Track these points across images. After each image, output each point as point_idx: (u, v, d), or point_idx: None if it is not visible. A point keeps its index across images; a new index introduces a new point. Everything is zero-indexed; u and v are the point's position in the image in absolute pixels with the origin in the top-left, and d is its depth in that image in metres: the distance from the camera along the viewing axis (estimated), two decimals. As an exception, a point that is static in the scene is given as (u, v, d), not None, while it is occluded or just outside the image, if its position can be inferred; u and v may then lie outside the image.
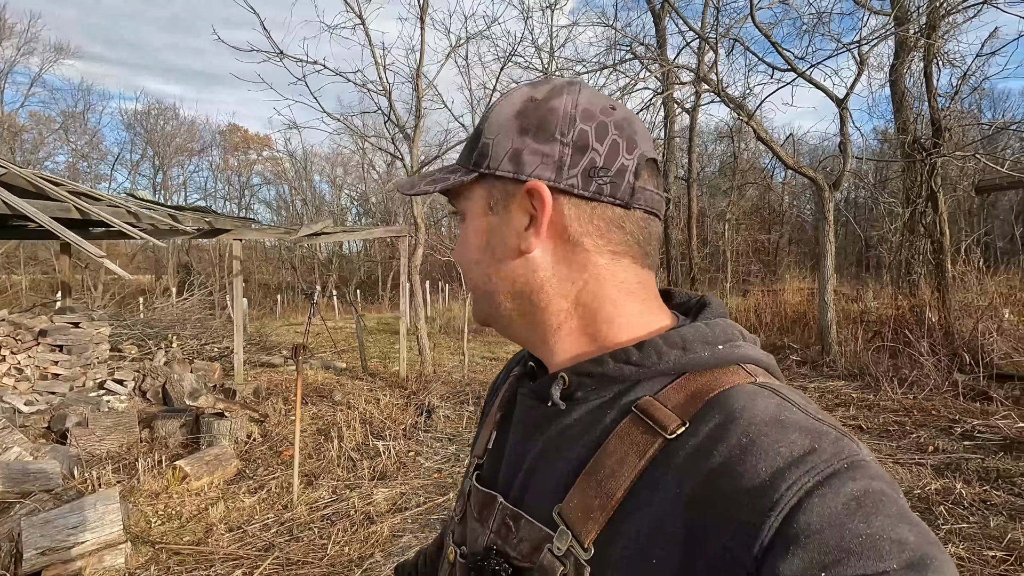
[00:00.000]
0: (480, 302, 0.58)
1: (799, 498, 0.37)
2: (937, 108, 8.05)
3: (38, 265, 23.01)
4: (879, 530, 0.35)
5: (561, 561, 0.45)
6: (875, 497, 0.37)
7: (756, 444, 0.40)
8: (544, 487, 0.50)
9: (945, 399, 5.77)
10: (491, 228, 0.53)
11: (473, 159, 0.53)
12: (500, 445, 0.58)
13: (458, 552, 0.56)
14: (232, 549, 3.21)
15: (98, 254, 4.15)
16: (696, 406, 0.45)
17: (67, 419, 4.88)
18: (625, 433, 0.46)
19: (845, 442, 0.41)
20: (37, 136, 26.45)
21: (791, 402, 0.44)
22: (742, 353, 0.49)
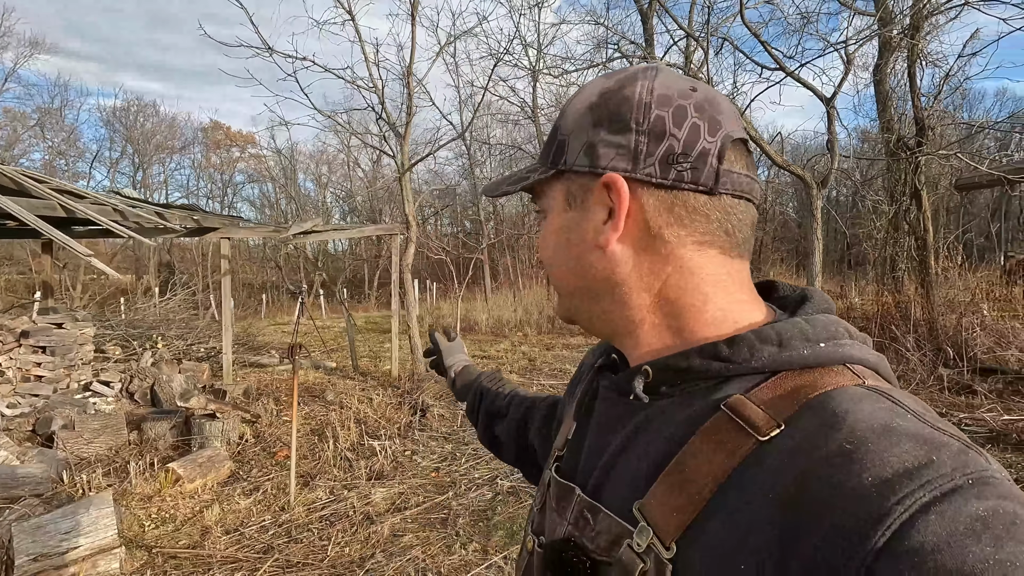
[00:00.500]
0: (563, 299, 0.57)
1: (912, 514, 0.33)
2: (920, 107, 8.19)
3: (14, 265, 22.45)
4: (1010, 557, 0.30)
5: (641, 558, 0.43)
6: (1006, 519, 0.32)
7: (861, 451, 0.36)
8: (623, 481, 0.49)
9: (931, 393, 5.88)
10: (570, 224, 0.53)
11: (551, 156, 0.54)
12: (580, 437, 0.58)
13: (536, 542, 0.56)
14: (230, 552, 3.16)
15: (85, 252, 4.05)
16: (793, 408, 0.42)
17: (53, 422, 4.76)
18: (713, 431, 0.44)
19: (971, 456, 0.36)
20: (12, 133, 25.80)
21: (905, 407, 0.40)
22: (847, 352, 0.46)
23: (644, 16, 12.79)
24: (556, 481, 0.57)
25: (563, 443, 0.61)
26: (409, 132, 7.37)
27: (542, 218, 0.57)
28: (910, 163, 8.01)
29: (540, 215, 0.58)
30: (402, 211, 7.61)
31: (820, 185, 7.66)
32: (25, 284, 19.86)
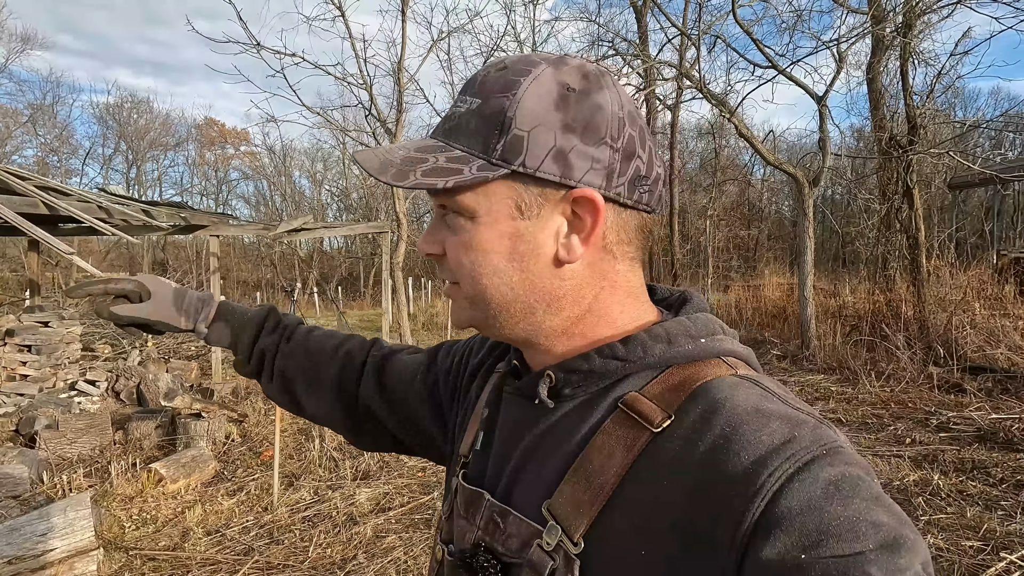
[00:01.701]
0: (476, 310, 0.52)
1: (780, 484, 0.38)
2: (913, 106, 8.19)
3: (6, 262, 22.29)
4: (856, 513, 0.37)
5: (551, 556, 0.45)
6: (852, 481, 0.38)
7: (738, 433, 0.41)
8: (532, 484, 0.50)
9: (921, 391, 5.88)
10: (520, 233, 0.48)
11: (499, 151, 0.46)
12: (486, 443, 0.58)
13: (446, 550, 0.56)
14: (210, 554, 3.13)
15: (67, 251, 4.01)
16: (680, 398, 0.46)
17: (36, 421, 4.71)
18: (612, 428, 0.47)
19: (823, 429, 0.42)
20: (4, 129, 25.60)
21: (771, 392, 0.46)
22: (723, 346, 0.50)
23: (638, 14, 12.78)
24: (464, 488, 0.57)
25: (468, 449, 0.60)
26: (401, 129, 7.33)
27: (462, 218, 0.49)
28: (902, 161, 8.01)
29: (454, 213, 0.50)
30: (394, 209, 7.57)
31: (812, 184, 7.65)
32: (18, 282, 19.72)
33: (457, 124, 0.49)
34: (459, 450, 0.63)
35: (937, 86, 8.33)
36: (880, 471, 3.93)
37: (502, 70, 0.49)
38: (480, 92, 0.48)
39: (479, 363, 0.69)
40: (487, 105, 0.47)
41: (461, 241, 0.50)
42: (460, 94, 0.51)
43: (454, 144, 0.49)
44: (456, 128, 0.49)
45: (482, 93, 0.48)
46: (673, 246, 14.21)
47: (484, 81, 0.49)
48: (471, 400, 0.66)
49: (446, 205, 0.50)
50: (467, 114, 0.48)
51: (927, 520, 3.23)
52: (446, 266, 0.52)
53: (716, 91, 8.13)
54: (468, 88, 0.50)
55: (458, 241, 0.50)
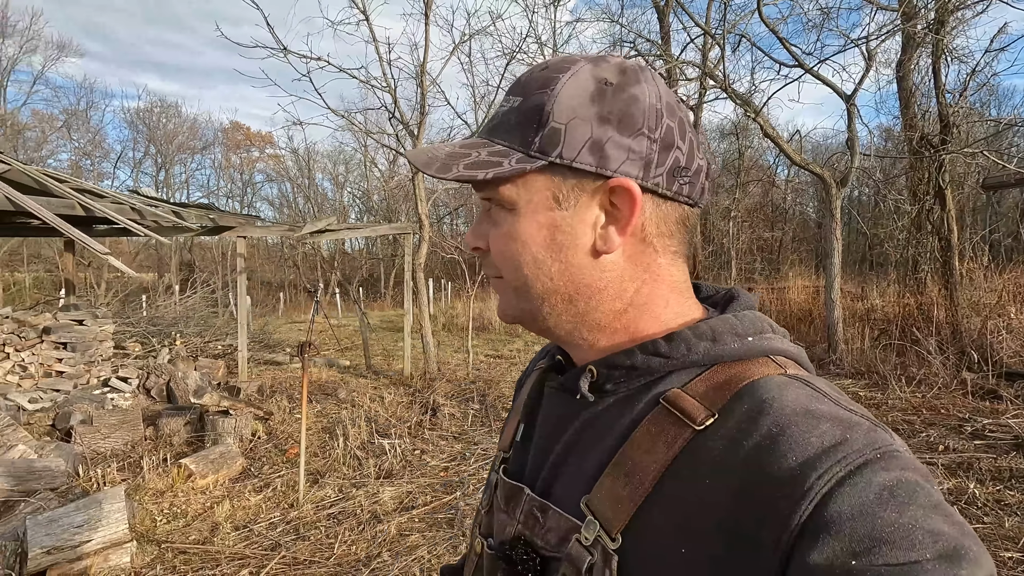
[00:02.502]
0: (521, 301, 0.53)
1: (830, 487, 0.37)
2: (945, 104, 7.98)
3: (42, 263, 23.01)
4: (912, 520, 0.35)
5: (589, 551, 0.45)
6: (909, 487, 0.37)
7: (786, 434, 0.40)
8: (572, 478, 0.50)
9: (954, 398, 5.72)
10: (558, 224, 0.49)
11: (537, 144, 0.48)
12: (527, 438, 0.58)
13: (485, 543, 0.56)
14: (238, 548, 3.18)
15: (103, 251, 4.12)
16: (725, 397, 0.45)
17: (71, 417, 4.86)
18: (653, 424, 0.46)
19: (878, 432, 0.41)
20: (40, 134, 26.45)
21: (822, 393, 0.44)
22: (771, 345, 0.50)
23: (660, 13, 12.67)
24: (504, 482, 0.57)
25: (509, 444, 0.61)
26: (423, 131, 7.39)
27: (505, 209, 0.51)
28: (934, 161, 7.81)
29: (497, 206, 0.51)
30: (416, 211, 7.63)
31: (840, 184, 7.50)
32: (52, 282, 20.36)
33: (499, 122, 0.51)
34: (501, 445, 0.63)
35: (971, 84, 8.10)
36: (912, 478, 3.84)
37: (543, 69, 0.50)
38: (521, 91, 0.50)
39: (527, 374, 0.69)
40: (527, 102, 0.49)
41: (503, 232, 0.51)
42: (507, 94, 0.52)
43: (496, 140, 0.50)
44: (498, 126, 0.51)
45: (523, 92, 0.50)
46: (696, 247, 14.06)
47: (527, 81, 0.51)
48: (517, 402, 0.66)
49: (490, 199, 0.51)
50: (508, 112, 0.50)
51: (963, 529, 3.14)
52: (490, 260, 0.53)
53: (740, 91, 8.03)
54: (513, 89, 0.52)
55: (500, 233, 0.51)
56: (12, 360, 5.94)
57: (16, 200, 4.25)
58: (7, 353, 5.92)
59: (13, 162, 4.91)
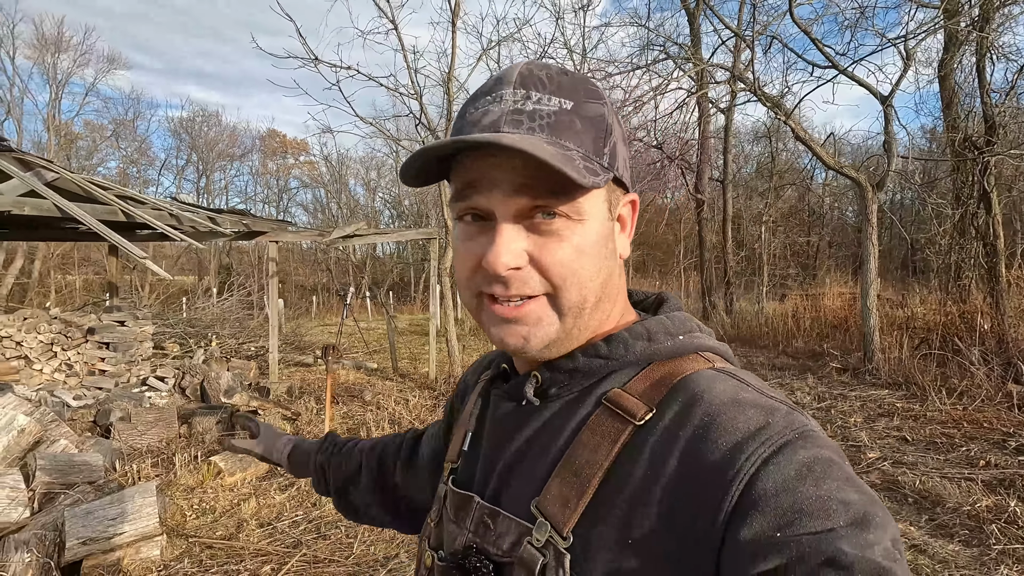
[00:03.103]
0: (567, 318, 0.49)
1: (757, 467, 0.40)
2: (991, 104, 7.64)
3: (91, 266, 24.12)
4: (827, 492, 0.39)
5: (541, 552, 0.46)
6: (824, 463, 0.40)
7: (717, 422, 0.43)
8: (522, 483, 0.51)
9: (998, 411, 5.45)
10: (610, 233, 0.52)
11: (607, 156, 0.49)
12: (475, 447, 0.59)
13: (435, 556, 0.57)
14: (262, 545, 3.27)
15: (140, 255, 4.31)
16: (661, 392, 0.47)
17: (111, 414, 5.08)
18: (597, 424, 0.48)
19: (795, 415, 0.44)
20: (91, 143, 27.79)
21: (746, 383, 0.48)
22: (700, 342, 0.53)
23: (691, 17, 12.54)
24: (453, 492, 0.57)
25: (456, 455, 0.61)
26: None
27: (569, 220, 0.48)
28: (978, 164, 7.48)
29: (561, 217, 0.47)
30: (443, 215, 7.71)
31: (876, 188, 7.27)
32: (100, 284, 21.32)
33: (558, 123, 0.47)
34: (448, 456, 0.63)
35: (1019, 82, 7.75)
36: (948, 495, 3.67)
37: (564, 75, 0.49)
38: (563, 93, 0.48)
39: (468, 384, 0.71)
40: (584, 108, 0.48)
41: (572, 244, 0.48)
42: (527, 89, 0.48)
43: (566, 143, 0.47)
44: (559, 126, 0.47)
45: (567, 95, 0.48)
46: (726, 253, 13.77)
47: (558, 83, 0.48)
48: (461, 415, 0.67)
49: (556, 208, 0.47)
50: (563, 113, 0.47)
51: (1001, 550, 2.99)
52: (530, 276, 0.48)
53: (772, 93, 7.86)
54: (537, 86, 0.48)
55: (567, 244, 0.48)
56: (59, 359, 6.25)
57: (63, 207, 4.48)
58: (54, 352, 6.22)
59: (62, 171, 5.19)
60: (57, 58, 24.61)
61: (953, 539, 3.17)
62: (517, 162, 0.45)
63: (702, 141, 13.15)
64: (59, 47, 24.70)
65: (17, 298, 17.95)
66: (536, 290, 0.48)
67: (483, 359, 0.70)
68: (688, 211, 17.19)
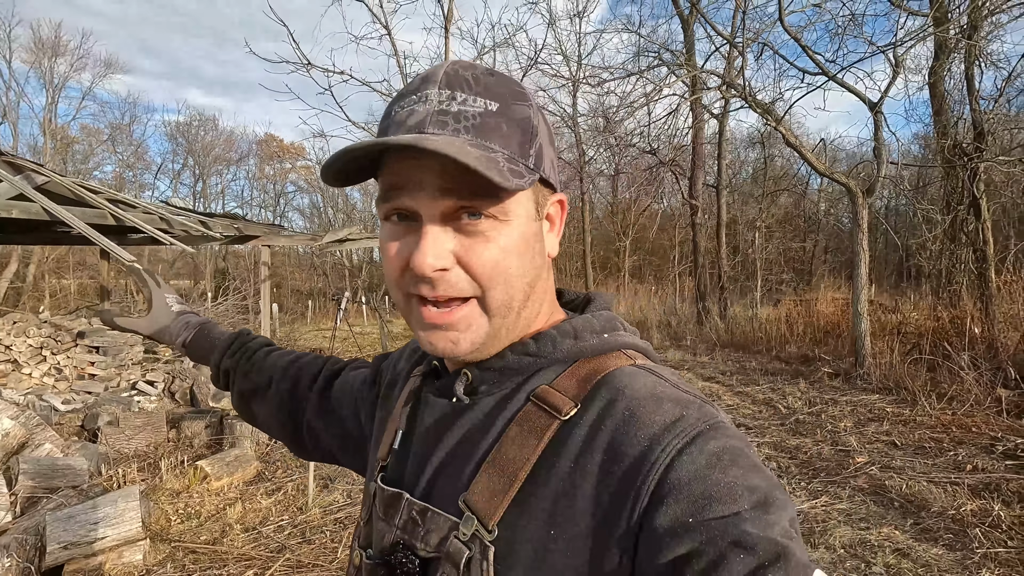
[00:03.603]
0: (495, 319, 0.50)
1: (671, 458, 0.42)
2: (980, 111, 7.71)
3: (86, 270, 24.02)
4: (734, 479, 0.41)
5: (467, 545, 0.47)
6: (733, 452, 0.43)
7: (636, 416, 0.45)
8: (452, 480, 0.51)
9: (987, 416, 5.47)
10: (536, 233, 0.52)
11: (533, 157, 0.49)
12: (405, 445, 0.59)
13: (364, 554, 0.57)
14: (246, 549, 3.26)
15: (129, 259, 4.29)
16: (586, 389, 0.49)
17: (99, 418, 5.06)
18: (524, 419, 0.49)
19: (707, 408, 0.47)
20: (87, 147, 27.74)
21: (664, 379, 0.50)
22: (624, 340, 0.54)
23: (684, 24, 12.61)
24: (382, 490, 0.57)
25: (387, 452, 0.61)
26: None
27: (496, 221, 0.48)
28: (967, 170, 7.54)
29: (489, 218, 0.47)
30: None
31: (866, 194, 7.31)
32: (94, 289, 21.24)
33: (483, 124, 0.47)
34: (378, 454, 0.63)
35: (1007, 90, 7.82)
36: (934, 499, 3.68)
37: (490, 76, 0.49)
38: (489, 94, 0.48)
39: (400, 371, 0.70)
40: (511, 110, 0.48)
41: (498, 245, 0.48)
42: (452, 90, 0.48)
43: (492, 145, 0.47)
44: (485, 128, 0.47)
45: (493, 96, 0.48)
46: (720, 258, 13.81)
47: (484, 84, 0.48)
48: (390, 405, 0.67)
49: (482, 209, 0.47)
50: (489, 114, 0.47)
51: (984, 553, 3.00)
52: (458, 278, 0.48)
53: (764, 99, 7.91)
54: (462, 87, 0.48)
55: (493, 245, 0.48)
56: (49, 363, 6.23)
57: (51, 210, 4.48)
58: (44, 356, 6.20)
59: (52, 174, 5.18)
60: (54, 62, 24.61)
61: (937, 543, 3.17)
62: (441, 164, 0.45)
63: (695, 147, 13.22)
64: (56, 51, 24.72)
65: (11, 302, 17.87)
66: (464, 291, 0.48)
67: (415, 345, 0.69)
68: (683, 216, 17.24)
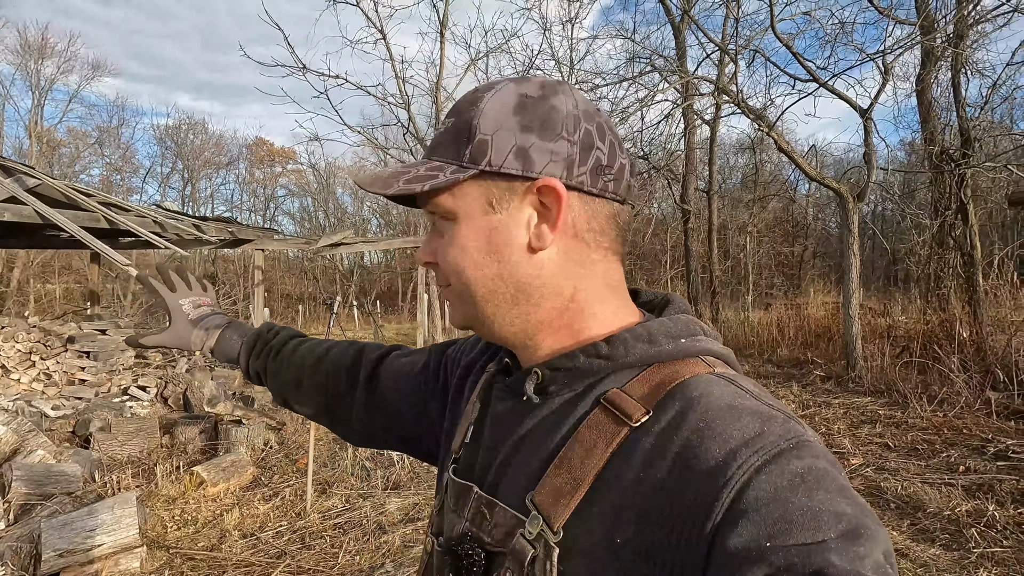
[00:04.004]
0: (467, 306, 0.56)
1: (748, 476, 0.40)
2: (966, 118, 7.86)
3: (72, 274, 23.70)
4: (819, 503, 0.38)
5: (532, 544, 0.47)
6: (817, 474, 0.40)
7: (711, 428, 0.43)
8: (518, 477, 0.52)
9: (977, 417, 5.55)
10: (494, 227, 0.52)
11: (468, 155, 0.52)
12: (476, 439, 0.60)
13: (435, 541, 0.58)
14: (245, 556, 3.22)
15: (124, 263, 4.26)
16: (659, 395, 0.48)
17: (91, 424, 4.98)
18: (594, 423, 0.49)
19: (792, 424, 0.44)
20: (74, 150, 27.41)
21: (745, 389, 0.48)
22: (702, 346, 0.53)
23: (676, 30, 12.74)
24: (454, 482, 0.59)
25: (459, 445, 0.63)
26: (437, 147, 7.50)
27: (446, 221, 0.54)
28: (955, 176, 7.67)
29: (441, 218, 0.55)
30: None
31: (857, 199, 7.41)
32: (81, 293, 20.94)
33: (437, 142, 0.55)
34: (451, 446, 0.65)
35: (993, 98, 7.98)
36: (929, 500, 3.73)
37: (475, 92, 0.55)
38: (455, 113, 0.55)
39: (471, 362, 0.72)
40: (459, 120, 0.53)
41: (446, 241, 0.55)
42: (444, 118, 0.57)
43: (434, 158, 0.54)
44: (436, 145, 0.55)
45: (456, 113, 0.54)
46: (712, 263, 13.92)
47: (459, 103, 0.55)
48: (463, 398, 0.69)
49: (433, 212, 0.55)
50: (444, 132, 0.55)
51: (980, 553, 3.04)
52: (440, 271, 0.57)
53: (755, 105, 8.01)
54: (449, 112, 0.56)
55: (444, 242, 0.55)
56: (38, 368, 6.13)
57: (44, 213, 4.42)
58: (33, 361, 6.10)
59: (44, 177, 5.12)
60: (41, 64, 24.34)
61: (934, 543, 3.21)
62: None
63: (688, 152, 13.33)
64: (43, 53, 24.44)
65: (-5, 307, 17.57)
66: (442, 282, 0.57)
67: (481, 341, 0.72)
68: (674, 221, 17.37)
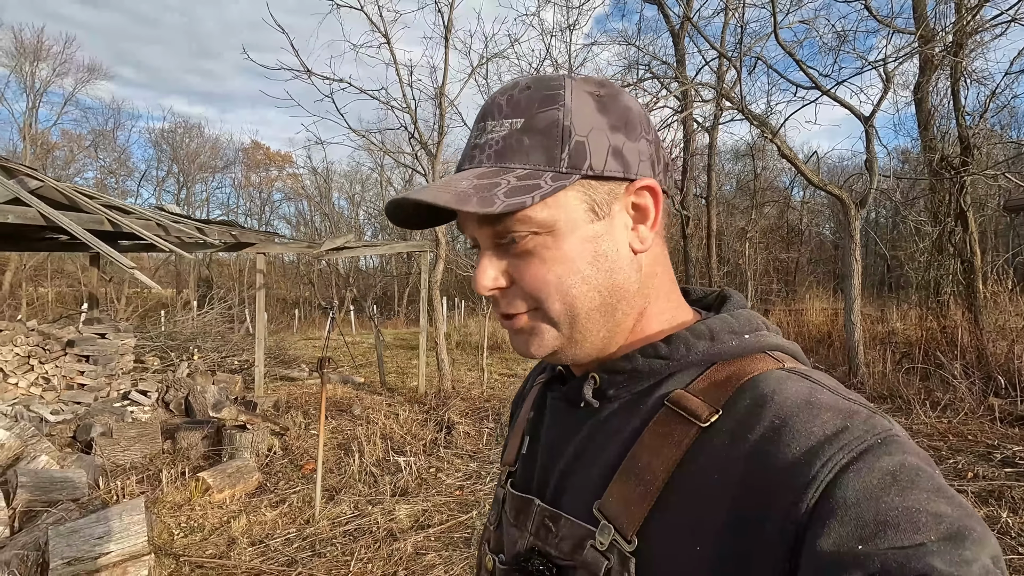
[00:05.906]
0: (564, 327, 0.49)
1: (835, 474, 0.37)
2: (965, 126, 7.94)
3: (64, 278, 23.49)
4: (915, 503, 0.35)
5: (604, 555, 0.45)
6: (911, 471, 0.37)
7: (788, 425, 0.41)
8: (582, 486, 0.50)
9: (982, 424, 5.57)
10: (599, 234, 0.49)
11: (566, 160, 0.47)
12: (532, 450, 0.58)
13: (496, 560, 0.56)
14: (255, 564, 3.17)
15: (130, 265, 4.21)
16: (727, 393, 0.45)
17: (92, 429, 4.91)
18: (660, 426, 0.47)
19: (877, 419, 0.41)
20: (68, 153, 27.23)
21: (821, 384, 0.45)
22: (768, 341, 0.50)
23: (675, 37, 12.83)
24: (513, 495, 0.57)
25: (514, 458, 0.61)
26: (440, 151, 7.50)
27: (540, 235, 0.48)
28: (954, 183, 7.73)
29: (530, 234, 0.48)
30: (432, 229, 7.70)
31: (859, 205, 7.45)
32: (74, 296, 20.77)
33: (506, 147, 0.48)
34: (505, 459, 0.63)
35: (991, 106, 8.06)
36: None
37: (527, 90, 0.49)
38: (516, 112, 0.48)
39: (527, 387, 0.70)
40: (535, 120, 0.48)
41: (543, 258, 0.48)
42: (484, 121, 0.50)
43: (511, 165, 0.47)
44: (506, 150, 0.48)
45: (519, 113, 0.48)
46: (711, 268, 13.97)
47: (515, 102, 0.49)
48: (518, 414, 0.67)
49: (514, 229, 0.48)
50: (512, 134, 0.48)
51: (997, 560, 3.03)
52: (515, 295, 0.50)
53: (756, 112, 8.05)
54: (494, 114, 0.49)
55: (538, 260, 0.48)
56: (36, 372, 6.04)
57: (48, 215, 4.37)
58: (31, 365, 6.02)
59: (46, 179, 5.06)
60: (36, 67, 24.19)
61: (949, 550, 3.20)
62: None
63: (686, 158, 13.39)
64: (38, 56, 24.30)
65: (-13, 310, 17.36)
66: (519, 308, 0.50)
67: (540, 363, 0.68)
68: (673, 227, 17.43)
